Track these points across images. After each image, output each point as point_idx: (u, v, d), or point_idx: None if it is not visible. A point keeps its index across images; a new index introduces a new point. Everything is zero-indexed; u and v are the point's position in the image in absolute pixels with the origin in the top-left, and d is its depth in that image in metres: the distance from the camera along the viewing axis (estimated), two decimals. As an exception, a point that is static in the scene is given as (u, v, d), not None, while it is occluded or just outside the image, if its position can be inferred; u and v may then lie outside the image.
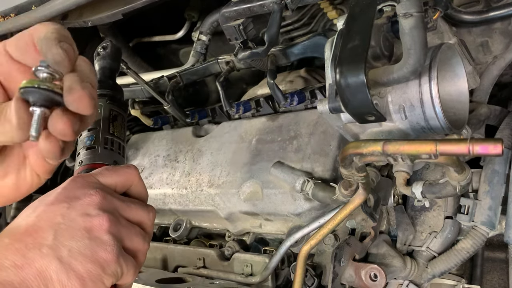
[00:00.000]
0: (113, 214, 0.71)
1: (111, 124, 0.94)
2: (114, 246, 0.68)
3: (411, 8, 0.81)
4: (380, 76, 0.88)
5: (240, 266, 1.25)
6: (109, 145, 0.92)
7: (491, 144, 0.68)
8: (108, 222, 0.69)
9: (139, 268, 0.74)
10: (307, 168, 1.16)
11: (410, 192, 0.99)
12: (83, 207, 0.69)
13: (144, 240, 0.75)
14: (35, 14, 1.31)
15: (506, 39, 1.17)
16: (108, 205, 0.72)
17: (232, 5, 1.16)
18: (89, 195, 0.71)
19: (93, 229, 0.68)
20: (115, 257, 0.68)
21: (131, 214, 0.75)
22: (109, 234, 0.69)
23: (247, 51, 1.16)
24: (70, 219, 0.68)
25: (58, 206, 0.69)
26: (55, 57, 0.64)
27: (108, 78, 1.04)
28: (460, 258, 1.05)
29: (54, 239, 0.65)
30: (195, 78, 1.50)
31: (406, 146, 0.75)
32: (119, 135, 0.95)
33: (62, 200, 0.70)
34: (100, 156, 0.90)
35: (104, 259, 0.67)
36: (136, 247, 0.73)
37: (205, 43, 1.55)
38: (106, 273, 0.67)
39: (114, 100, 0.98)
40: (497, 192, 1.05)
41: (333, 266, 1.01)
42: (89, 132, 0.93)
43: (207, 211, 1.36)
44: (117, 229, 0.70)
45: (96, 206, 0.70)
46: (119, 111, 0.98)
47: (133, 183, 0.79)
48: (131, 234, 0.73)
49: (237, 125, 1.43)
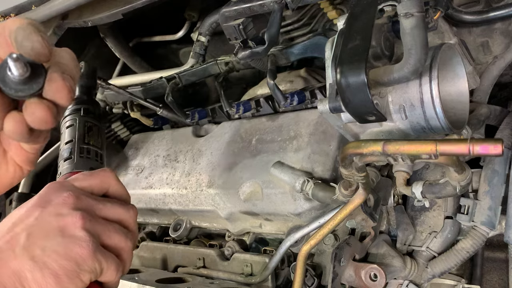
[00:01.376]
0: (88, 212, 0.72)
1: (86, 135, 1.01)
2: (90, 241, 0.68)
3: (412, 8, 0.82)
4: (381, 76, 0.88)
5: (240, 266, 1.25)
6: (85, 153, 0.98)
7: (491, 144, 0.68)
8: (82, 219, 0.69)
9: (123, 266, 0.74)
10: (307, 168, 1.16)
11: (410, 192, 0.99)
12: (56, 208, 0.70)
13: (126, 237, 0.74)
14: (35, 14, 1.31)
15: (507, 39, 1.17)
16: (82, 204, 0.72)
17: (232, 5, 1.16)
18: (63, 197, 0.72)
19: (67, 227, 0.68)
20: (91, 253, 0.68)
21: (108, 212, 0.75)
22: (83, 231, 0.69)
23: (247, 50, 1.16)
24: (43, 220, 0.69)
25: (32, 210, 0.70)
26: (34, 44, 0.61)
27: (83, 95, 1.13)
28: (460, 258, 1.05)
29: (26, 240, 0.66)
30: (194, 79, 1.50)
31: (406, 146, 0.75)
32: (96, 144, 1.01)
33: (36, 205, 0.71)
34: (76, 165, 0.96)
35: (79, 254, 0.67)
36: (116, 244, 0.73)
37: (204, 44, 1.55)
38: (82, 269, 0.67)
39: (88, 113, 1.05)
40: (497, 192, 1.05)
41: (333, 266, 1.01)
42: (66, 145, 0.99)
43: (207, 211, 1.36)
44: (92, 226, 0.70)
45: (69, 206, 0.71)
46: (94, 122, 1.05)
47: (110, 185, 0.80)
48: (109, 231, 0.73)
49: (237, 125, 1.43)
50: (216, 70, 1.45)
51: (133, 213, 0.78)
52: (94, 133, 1.03)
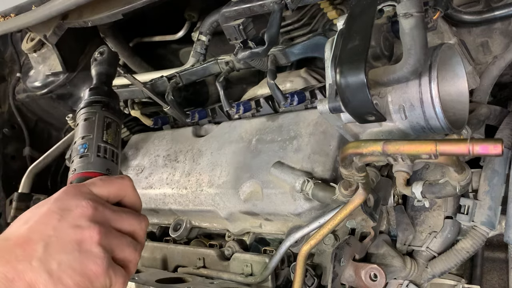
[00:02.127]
0: (104, 225, 0.73)
1: (105, 132, 0.96)
2: (104, 258, 0.70)
3: (411, 8, 0.82)
4: (380, 76, 0.88)
5: (240, 266, 1.25)
6: (102, 153, 0.93)
7: (491, 144, 0.68)
8: (99, 234, 0.70)
9: (129, 278, 0.76)
10: (307, 168, 1.16)
11: (410, 192, 0.98)
12: (74, 219, 0.71)
13: (135, 250, 0.76)
14: (35, 14, 1.31)
15: (506, 39, 1.17)
16: (100, 216, 0.73)
17: (232, 5, 1.16)
18: (81, 206, 0.72)
19: (84, 242, 0.69)
20: (104, 270, 0.69)
21: (122, 224, 0.76)
22: (99, 247, 0.70)
23: (247, 51, 1.16)
24: (61, 231, 0.69)
25: (49, 218, 0.70)
26: None
27: (104, 84, 1.05)
28: (460, 258, 1.05)
29: (44, 252, 0.67)
30: (194, 78, 1.50)
31: (406, 146, 0.75)
32: (113, 143, 0.96)
33: (54, 211, 0.71)
34: (93, 164, 0.91)
35: (93, 272, 0.68)
36: (127, 257, 0.74)
37: (204, 44, 1.54)
38: (94, 286, 0.68)
39: (108, 107, 0.99)
40: (497, 192, 1.05)
41: (333, 266, 1.01)
42: (82, 140, 0.94)
43: (207, 211, 1.36)
44: (108, 241, 0.72)
45: (87, 218, 0.71)
46: (113, 118, 0.99)
47: (126, 194, 0.80)
48: (122, 245, 0.74)
49: (237, 125, 1.43)
50: (216, 69, 1.45)
51: (145, 225, 0.80)
52: (113, 130, 0.97)
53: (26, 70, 2.14)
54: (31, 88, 2.06)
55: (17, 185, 1.83)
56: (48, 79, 1.99)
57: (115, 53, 1.11)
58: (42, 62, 1.99)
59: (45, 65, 1.98)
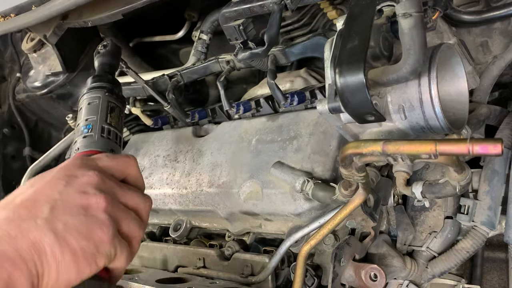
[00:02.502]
0: (110, 195, 0.71)
1: (109, 115, 0.96)
2: (110, 226, 0.68)
3: (410, 8, 0.82)
4: (380, 76, 0.88)
5: (240, 266, 1.25)
6: (105, 133, 0.93)
7: (491, 144, 0.68)
8: (105, 201, 0.69)
9: (133, 256, 0.74)
10: (307, 168, 1.16)
11: (410, 192, 0.98)
12: (80, 185, 0.69)
13: (139, 227, 0.74)
14: (35, 14, 1.31)
15: (506, 39, 1.17)
16: (106, 186, 0.72)
17: (232, 6, 1.16)
18: (88, 175, 0.71)
19: (90, 207, 0.68)
20: (110, 238, 0.67)
21: (128, 199, 0.75)
22: (105, 214, 0.68)
23: (247, 51, 1.16)
24: (67, 196, 0.68)
25: (56, 183, 0.69)
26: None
27: (107, 73, 1.06)
28: (460, 258, 1.05)
29: (50, 213, 0.65)
30: (195, 77, 1.50)
31: (406, 146, 0.75)
32: (117, 126, 0.96)
33: (60, 177, 0.70)
34: (97, 143, 0.91)
35: (99, 237, 0.66)
36: (131, 233, 0.73)
37: (206, 42, 1.54)
38: (99, 252, 0.66)
39: (112, 93, 0.99)
40: (497, 192, 1.05)
41: (333, 266, 1.01)
42: (86, 122, 0.93)
43: (207, 211, 1.36)
44: (113, 211, 0.70)
45: (93, 186, 0.70)
46: (116, 104, 1.00)
47: (131, 173, 0.79)
48: (127, 219, 0.72)
49: (237, 125, 1.43)
50: (217, 68, 1.44)
51: (149, 205, 0.78)
52: (116, 114, 0.98)
53: (26, 70, 2.14)
54: (31, 88, 2.06)
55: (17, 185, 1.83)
56: (48, 79, 1.99)
57: (118, 46, 1.12)
58: (42, 62, 1.99)
59: (45, 65, 1.98)
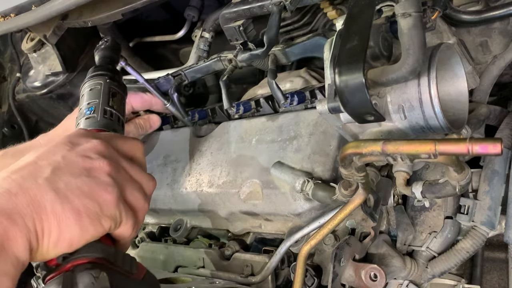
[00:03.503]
0: (115, 162, 0.70)
1: (111, 99, 0.97)
2: (115, 188, 0.67)
3: (410, 8, 0.82)
4: (379, 76, 0.88)
5: (240, 266, 1.25)
6: (108, 115, 0.94)
7: (491, 143, 0.68)
8: (109, 166, 0.68)
9: (138, 228, 0.73)
10: (307, 168, 1.16)
11: (410, 192, 0.99)
12: (85, 150, 0.69)
13: (144, 199, 0.73)
14: (35, 14, 1.31)
15: (506, 39, 1.17)
16: (111, 155, 0.71)
17: (232, 7, 1.17)
18: (92, 142, 0.71)
19: (93, 170, 0.67)
20: (115, 200, 0.66)
21: (132, 173, 0.74)
22: (109, 177, 0.67)
23: (247, 53, 1.16)
24: (70, 159, 0.67)
25: (59, 148, 0.69)
26: None
27: (108, 64, 1.08)
28: (460, 258, 1.05)
29: (51, 173, 0.64)
30: (199, 75, 1.49)
31: (406, 146, 0.75)
32: (119, 110, 0.97)
33: (64, 143, 0.70)
34: (99, 123, 0.91)
35: (103, 198, 0.65)
36: (136, 203, 0.72)
37: (208, 40, 1.53)
38: (104, 213, 0.65)
39: (113, 80, 1.01)
40: (497, 192, 1.05)
41: (333, 266, 1.01)
42: (88, 105, 0.94)
43: (207, 211, 1.36)
44: (118, 176, 0.69)
45: (97, 152, 0.69)
46: (118, 90, 1.01)
47: (136, 155, 0.79)
48: (132, 188, 0.71)
49: (237, 125, 1.43)
50: (220, 66, 1.44)
51: (152, 184, 0.78)
52: (118, 99, 0.99)
53: (26, 70, 2.14)
54: (31, 88, 2.06)
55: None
56: (48, 79, 1.99)
57: (118, 42, 1.15)
58: (42, 62, 1.99)
59: (45, 65, 1.98)
